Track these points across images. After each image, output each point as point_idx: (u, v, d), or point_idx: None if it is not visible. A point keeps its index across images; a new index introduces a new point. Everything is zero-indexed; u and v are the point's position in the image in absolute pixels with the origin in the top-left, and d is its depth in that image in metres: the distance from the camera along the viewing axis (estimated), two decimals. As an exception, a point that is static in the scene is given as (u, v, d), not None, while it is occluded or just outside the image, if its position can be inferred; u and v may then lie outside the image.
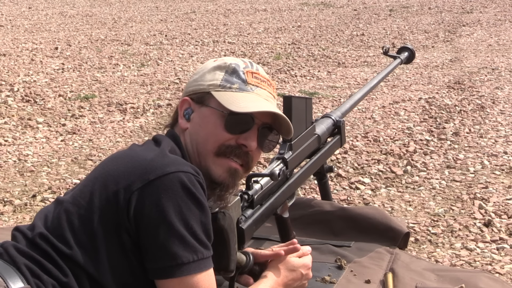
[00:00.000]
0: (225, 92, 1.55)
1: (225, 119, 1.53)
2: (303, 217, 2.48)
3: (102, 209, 1.40)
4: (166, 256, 1.37)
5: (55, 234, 1.41)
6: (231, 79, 1.56)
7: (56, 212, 1.46)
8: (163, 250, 1.37)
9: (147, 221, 1.37)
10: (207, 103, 1.56)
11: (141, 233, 1.38)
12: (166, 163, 1.41)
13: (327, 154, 2.28)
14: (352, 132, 4.20)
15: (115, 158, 1.51)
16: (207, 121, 1.55)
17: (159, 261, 1.38)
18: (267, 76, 1.63)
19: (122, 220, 1.38)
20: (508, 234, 2.71)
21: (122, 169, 1.42)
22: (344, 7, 12.48)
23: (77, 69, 6.55)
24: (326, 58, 7.24)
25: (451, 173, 3.45)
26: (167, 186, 1.37)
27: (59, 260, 1.38)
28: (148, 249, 1.38)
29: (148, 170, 1.39)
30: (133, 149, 1.53)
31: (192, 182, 1.39)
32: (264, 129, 1.58)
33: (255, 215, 1.71)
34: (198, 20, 10.80)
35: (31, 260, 1.38)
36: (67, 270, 1.38)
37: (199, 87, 1.58)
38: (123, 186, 1.39)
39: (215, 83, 1.56)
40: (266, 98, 1.58)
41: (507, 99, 5.13)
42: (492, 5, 12.12)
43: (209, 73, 1.59)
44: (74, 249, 1.39)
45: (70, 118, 4.73)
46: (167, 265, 1.37)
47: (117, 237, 1.39)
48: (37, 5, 13.16)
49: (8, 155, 3.89)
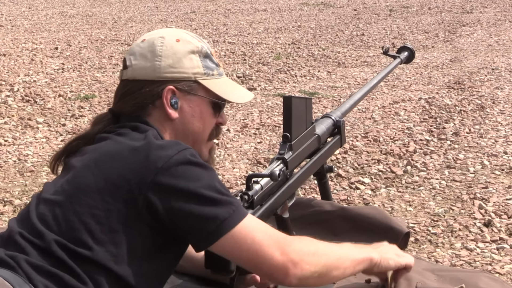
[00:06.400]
0: (212, 81, 1.58)
1: (217, 107, 1.60)
2: (303, 217, 2.48)
3: (119, 208, 1.39)
4: (209, 221, 1.40)
5: (69, 237, 1.38)
6: (208, 64, 1.59)
7: (59, 213, 1.41)
8: (202, 219, 1.40)
9: (175, 206, 1.40)
10: (195, 91, 1.56)
11: (174, 220, 1.41)
12: (165, 148, 1.43)
13: (327, 154, 2.27)
14: (352, 132, 4.20)
15: (107, 153, 1.47)
16: (200, 110, 1.58)
17: (203, 231, 1.40)
18: None
19: (142, 215, 1.39)
20: (508, 234, 2.71)
21: (126, 165, 1.41)
22: (344, 7, 12.47)
23: (77, 69, 6.55)
24: (326, 58, 7.24)
25: (451, 173, 3.45)
26: (176, 167, 1.40)
27: (75, 268, 1.36)
28: (190, 228, 1.41)
29: (154, 161, 1.40)
30: (120, 141, 1.49)
31: (193, 155, 1.44)
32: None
33: (255, 215, 1.70)
34: (198, 20, 10.80)
35: (47, 276, 1.34)
36: (85, 277, 1.36)
37: (183, 75, 1.56)
38: (135, 182, 1.39)
39: (199, 71, 1.57)
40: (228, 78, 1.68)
41: (507, 99, 5.13)
42: (492, 5, 12.12)
43: (186, 58, 1.56)
44: (94, 249, 1.37)
45: (70, 118, 4.73)
46: (212, 229, 1.39)
47: (137, 231, 1.40)
48: (37, 5, 13.15)
49: (8, 155, 3.89)
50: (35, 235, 1.40)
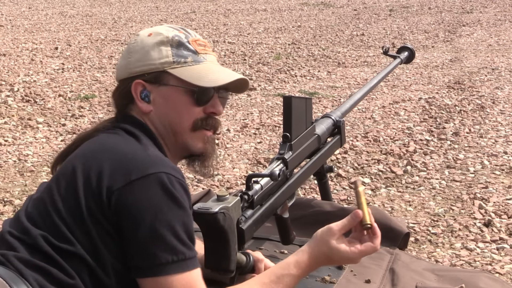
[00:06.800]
0: (183, 68, 1.53)
1: (195, 94, 1.53)
2: (303, 217, 2.48)
3: (89, 207, 1.38)
4: (145, 255, 1.35)
5: (53, 233, 1.39)
6: (181, 52, 1.54)
7: (43, 211, 1.43)
8: (142, 250, 1.35)
9: (127, 221, 1.36)
10: (165, 82, 1.53)
11: (121, 232, 1.37)
12: (148, 163, 1.39)
13: (327, 154, 2.27)
14: (352, 132, 4.20)
15: (94, 151, 1.47)
16: (174, 100, 1.53)
17: (138, 261, 1.37)
18: (203, 39, 1.63)
19: (107, 216, 1.38)
20: (508, 234, 2.71)
21: (105, 166, 1.40)
22: (344, 7, 12.48)
23: (77, 69, 6.55)
24: (326, 58, 7.24)
25: (451, 173, 3.45)
26: (148, 186, 1.36)
27: (62, 262, 1.36)
28: (129, 248, 1.38)
29: (129, 170, 1.37)
30: (111, 142, 1.49)
31: (172, 183, 1.37)
32: (220, 91, 1.59)
33: (255, 215, 1.70)
34: (198, 20, 10.80)
35: (36, 270, 1.35)
36: (72, 272, 1.36)
37: (150, 67, 1.53)
38: (106, 185, 1.37)
39: (167, 60, 1.53)
40: (217, 64, 1.59)
41: (507, 99, 5.13)
42: (492, 5, 12.12)
43: (153, 50, 1.53)
44: (77, 245, 1.37)
45: (70, 118, 4.73)
46: (146, 265, 1.36)
47: (107, 232, 1.38)
48: (37, 5, 13.16)
49: (8, 155, 3.89)
50: (22, 232, 1.41)
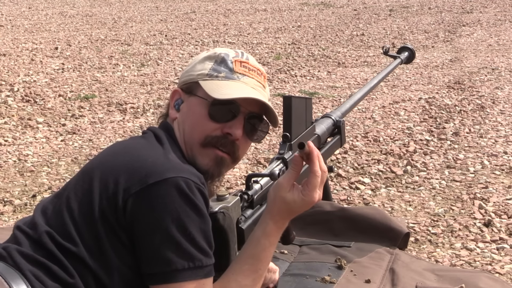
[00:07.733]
0: (212, 81, 1.55)
1: (209, 107, 1.52)
2: (303, 217, 2.47)
3: (103, 209, 1.37)
4: (160, 262, 1.34)
5: (59, 231, 1.38)
6: (219, 68, 1.56)
7: (57, 207, 1.43)
8: (157, 255, 1.34)
9: (143, 226, 1.35)
10: (195, 92, 1.56)
11: (136, 237, 1.36)
12: (166, 167, 1.38)
13: (327, 154, 2.27)
14: (352, 132, 4.19)
15: (115, 153, 1.49)
16: (193, 110, 1.55)
17: (153, 267, 1.35)
18: (258, 66, 1.63)
19: (121, 221, 1.37)
20: (508, 234, 2.71)
21: (123, 168, 1.40)
22: (344, 7, 12.47)
23: (77, 69, 6.55)
24: (326, 58, 7.24)
25: (451, 173, 3.45)
26: (165, 191, 1.34)
27: (64, 260, 1.36)
28: (143, 254, 1.36)
29: (148, 174, 1.36)
30: (134, 145, 1.50)
31: (191, 188, 1.36)
32: (251, 118, 1.58)
33: (255, 215, 1.70)
34: (198, 20, 10.80)
35: (36, 264, 1.35)
36: (72, 271, 1.35)
37: (189, 78, 1.59)
38: (123, 188, 1.37)
39: (203, 72, 1.57)
40: (253, 87, 1.57)
41: (507, 99, 5.13)
42: (492, 5, 12.12)
43: (200, 63, 1.60)
44: (80, 247, 1.36)
45: (70, 118, 4.73)
46: (161, 271, 1.34)
47: (117, 237, 1.37)
48: (37, 5, 13.16)
49: (8, 155, 3.89)
50: (30, 227, 1.42)
